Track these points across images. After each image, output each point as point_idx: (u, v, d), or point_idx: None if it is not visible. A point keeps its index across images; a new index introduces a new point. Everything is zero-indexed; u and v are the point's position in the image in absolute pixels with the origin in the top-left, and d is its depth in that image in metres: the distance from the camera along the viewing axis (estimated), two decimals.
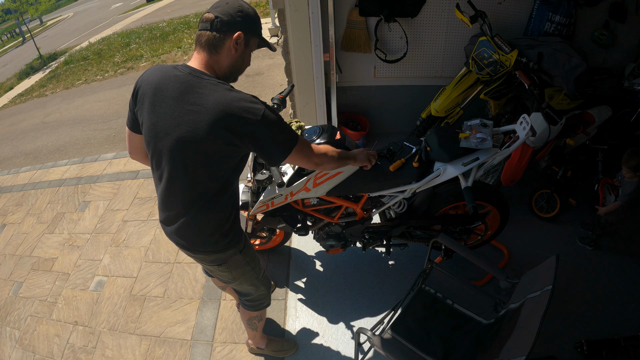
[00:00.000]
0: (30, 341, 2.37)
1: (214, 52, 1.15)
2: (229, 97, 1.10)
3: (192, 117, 1.09)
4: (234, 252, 1.38)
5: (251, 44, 1.20)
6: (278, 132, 1.17)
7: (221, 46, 1.14)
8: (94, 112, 5.91)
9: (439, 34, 2.70)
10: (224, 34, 1.12)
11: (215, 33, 1.12)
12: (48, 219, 3.40)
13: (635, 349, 1.69)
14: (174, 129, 1.12)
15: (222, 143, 1.11)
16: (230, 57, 1.17)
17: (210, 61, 1.16)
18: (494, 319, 1.55)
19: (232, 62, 1.18)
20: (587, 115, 2.37)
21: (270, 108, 1.15)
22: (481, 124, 1.69)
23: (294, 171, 1.67)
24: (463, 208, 2.04)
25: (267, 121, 1.12)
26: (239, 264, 1.44)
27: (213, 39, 1.13)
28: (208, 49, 1.14)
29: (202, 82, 1.10)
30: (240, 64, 1.21)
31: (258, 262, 1.55)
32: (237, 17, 1.13)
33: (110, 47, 9.80)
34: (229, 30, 1.12)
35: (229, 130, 1.09)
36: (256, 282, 1.56)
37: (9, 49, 18.05)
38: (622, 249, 2.23)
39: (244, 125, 1.09)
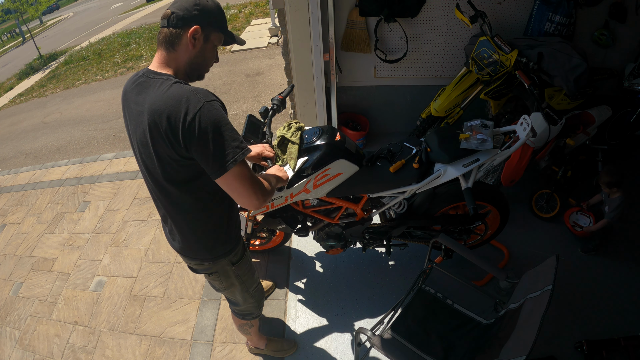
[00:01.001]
0: (30, 341, 2.37)
1: (171, 49, 1.09)
2: (167, 93, 1.01)
3: (140, 119, 1.05)
4: (226, 263, 1.34)
5: (212, 38, 1.12)
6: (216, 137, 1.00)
7: (178, 42, 1.08)
8: (94, 112, 5.91)
9: (439, 34, 2.71)
10: (180, 29, 1.06)
11: (171, 29, 1.07)
12: (48, 219, 3.40)
13: (635, 349, 1.69)
14: (134, 133, 1.11)
15: (164, 146, 1.02)
16: (189, 53, 1.10)
17: (168, 59, 1.10)
18: (494, 319, 1.55)
19: (190, 59, 1.11)
20: (587, 115, 2.37)
21: (212, 105, 1.01)
22: (481, 125, 1.69)
23: (294, 173, 1.67)
24: (463, 208, 2.04)
25: (199, 122, 0.98)
26: (230, 275, 1.39)
27: (170, 35, 1.07)
28: (165, 46, 1.09)
29: (151, 81, 1.06)
30: (201, 60, 1.13)
31: (252, 275, 1.50)
32: (193, 11, 1.06)
33: (110, 47, 9.80)
34: (185, 25, 1.06)
35: (161, 130, 1.00)
36: (245, 295, 1.52)
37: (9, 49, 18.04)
38: (622, 249, 2.23)
39: (174, 129, 0.99)
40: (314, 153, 1.65)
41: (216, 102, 1.04)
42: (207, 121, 0.98)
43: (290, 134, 1.70)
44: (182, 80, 1.07)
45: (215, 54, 1.17)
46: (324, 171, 1.66)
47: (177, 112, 0.98)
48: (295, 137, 1.68)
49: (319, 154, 1.64)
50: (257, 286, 1.56)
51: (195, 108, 0.98)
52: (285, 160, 1.69)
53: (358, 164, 1.71)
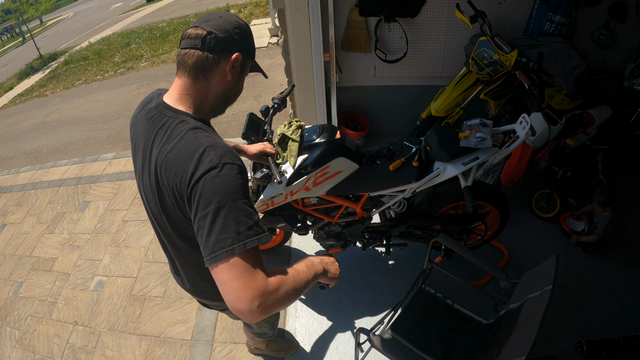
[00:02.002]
0: (30, 341, 2.37)
1: (201, 78, 0.91)
2: (180, 144, 0.84)
3: (148, 164, 0.91)
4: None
5: (246, 68, 0.99)
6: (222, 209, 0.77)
7: (214, 70, 0.90)
8: (94, 112, 5.91)
9: (439, 34, 2.71)
10: (219, 55, 0.89)
11: (208, 53, 0.88)
12: (48, 219, 3.40)
13: (635, 349, 1.69)
14: (141, 176, 0.97)
15: (171, 204, 0.88)
16: (224, 83, 0.94)
17: (194, 89, 0.92)
18: (494, 319, 1.55)
19: (224, 90, 0.95)
20: (587, 115, 2.36)
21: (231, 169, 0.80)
22: (481, 124, 1.70)
23: (294, 170, 1.67)
24: (463, 208, 2.04)
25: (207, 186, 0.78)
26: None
27: (205, 60, 0.89)
28: (194, 74, 0.90)
29: (163, 119, 0.90)
30: (234, 93, 0.99)
31: None
32: (234, 35, 0.91)
33: (110, 47, 9.81)
34: (225, 51, 0.90)
35: (168, 187, 0.85)
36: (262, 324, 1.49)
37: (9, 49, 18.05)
38: (622, 249, 2.23)
39: (179, 185, 0.82)
40: (314, 151, 1.65)
41: (236, 167, 0.82)
42: (215, 188, 0.77)
43: (290, 132, 1.70)
44: (201, 125, 0.89)
45: (243, 85, 1.03)
46: (324, 169, 1.66)
47: (186, 169, 0.80)
48: (296, 135, 1.68)
49: (319, 152, 1.64)
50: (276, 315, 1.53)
51: (207, 167, 0.78)
52: (285, 158, 1.70)
53: (358, 162, 1.71)
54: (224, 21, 0.91)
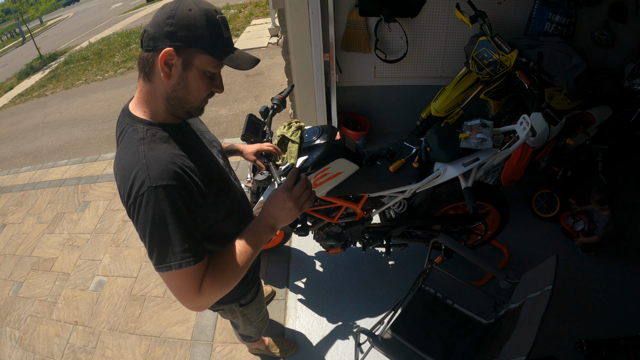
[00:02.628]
0: (30, 341, 2.37)
1: (147, 80, 0.83)
2: (125, 157, 0.81)
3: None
4: (234, 304, 1.27)
5: (196, 63, 0.80)
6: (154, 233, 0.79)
7: (153, 71, 0.81)
8: (94, 112, 5.91)
9: (439, 34, 2.71)
10: (151, 53, 0.79)
11: (144, 52, 0.80)
12: (48, 219, 3.40)
13: (635, 349, 1.69)
14: None
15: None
16: (165, 84, 0.81)
17: (146, 93, 0.85)
18: (494, 319, 1.55)
19: (168, 93, 0.83)
20: (587, 115, 2.36)
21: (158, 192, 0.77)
22: (481, 124, 1.69)
23: None
24: (463, 208, 2.04)
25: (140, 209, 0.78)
26: (235, 312, 1.31)
27: (144, 61, 0.81)
28: (142, 76, 0.84)
29: (124, 126, 0.86)
30: (183, 94, 0.83)
31: (259, 313, 1.43)
32: (164, 26, 0.76)
33: (110, 47, 9.81)
34: (155, 48, 0.78)
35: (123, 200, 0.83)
36: (247, 326, 1.47)
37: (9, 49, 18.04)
38: (622, 249, 2.23)
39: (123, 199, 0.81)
40: (314, 152, 1.65)
41: (171, 189, 0.78)
42: (147, 212, 0.77)
43: (290, 133, 1.70)
44: (150, 135, 0.83)
45: (213, 83, 0.87)
46: (324, 170, 1.66)
47: (124, 186, 0.79)
48: (296, 136, 1.68)
49: (319, 153, 1.64)
50: (262, 319, 1.51)
51: (139, 190, 0.77)
52: (285, 159, 1.70)
53: (358, 163, 1.71)
54: (161, 13, 0.78)
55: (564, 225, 2.33)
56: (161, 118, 0.87)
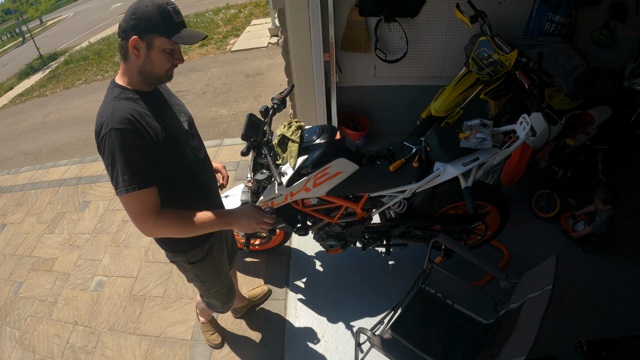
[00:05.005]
0: (30, 341, 2.37)
1: (124, 60, 1.13)
2: (100, 107, 1.12)
3: None
4: (183, 260, 1.41)
5: (156, 44, 1.10)
6: (112, 165, 1.07)
7: (127, 53, 1.10)
8: (94, 112, 5.81)
9: (439, 34, 2.71)
10: (125, 41, 1.09)
11: (120, 40, 1.11)
12: (48, 219, 3.40)
13: (635, 349, 1.69)
14: None
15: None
16: (137, 63, 1.12)
17: (125, 69, 1.15)
18: (494, 319, 1.55)
19: (139, 68, 1.13)
20: (587, 115, 2.37)
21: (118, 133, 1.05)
22: (481, 124, 1.70)
23: (294, 171, 1.67)
24: (463, 208, 2.04)
25: (104, 145, 1.06)
26: (187, 271, 1.48)
27: (120, 46, 1.11)
28: (121, 57, 1.14)
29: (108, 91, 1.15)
30: (150, 68, 1.13)
31: (215, 279, 1.56)
32: (130, 21, 1.06)
33: (110, 47, 9.80)
34: (126, 37, 1.08)
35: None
36: (207, 294, 1.62)
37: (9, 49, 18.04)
38: (622, 249, 2.23)
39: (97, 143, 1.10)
40: (314, 152, 1.65)
41: (125, 131, 1.05)
42: (108, 147, 1.05)
43: (290, 133, 1.70)
44: (123, 94, 1.12)
45: (173, 57, 1.14)
46: (324, 170, 1.66)
47: (96, 128, 1.08)
48: (296, 136, 1.68)
49: (319, 153, 1.64)
50: (220, 290, 1.61)
51: (104, 131, 1.05)
52: (285, 159, 1.70)
53: (358, 162, 1.71)
54: (128, 11, 1.07)
55: (565, 226, 2.33)
56: (136, 86, 1.16)
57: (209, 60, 6.88)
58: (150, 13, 1.06)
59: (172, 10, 1.09)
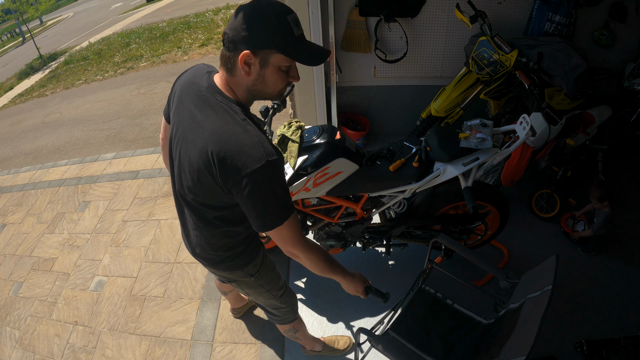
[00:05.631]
0: (30, 341, 2.37)
1: (229, 74, 0.98)
2: (232, 133, 0.93)
3: (192, 137, 0.99)
4: (243, 275, 1.31)
5: (271, 62, 0.93)
6: (266, 198, 0.95)
7: (234, 68, 0.95)
8: (94, 112, 5.91)
9: (439, 34, 2.71)
10: (233, 53, 0.93)
11: (227, 51, 0.94)
12: (48, 219, 3.40)
13: (635, 349, 1.69)
14: (181, 142, 1.04)
15: (209, 180, 0.97)
16: (246, 80, 0.96)
17: (230, 82, 1.00)
18: (494, 319, 1.55)
19: (248, 86, 0.98)
20: (587, 115, 2.37)
21: (273, 165, 0.93)
22: (481, 124, 1.70)
23: (294, 171, 1.67)
24: (463, 208, 2.04)
25: (258, 180, 0.92)
26: (251, 285, 1.36)
27: (225, 58, 0.96)
28: (225, 68, 0.98)
29: (214, 101, 0.98)
30: (262, 87, 0.99)
31: (276, 283, 1.45)
32: (241, 31, 0.90)
33: (110, 47, 9.80)
34: (236, 49, 0.92)
35: (213, 168, 0.94)
36: (274, 302, 1.49)
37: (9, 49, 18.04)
38: (622, 249, 2.23)
39: (225, 173, 0.93)
40: (314, 151, 1.65)
41: (278, 160, 0.95)
42: (263, 183, 0.92)
43: (290, 133, 1.70)
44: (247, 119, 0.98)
45: (289, 74, 0.99)
46: (324, 170, 1.66)
47: (236, 160, 0.91)
48: (296, 136, 1.68)
49: (319, 153, 1.64)
50: (284, 290, 1.51)
51: (255, 166, 0.90)
52: (285, 159, 1.70)
53: (358, 162, 1.71)
54: (238, 17, 0.91)
55: (565, 228, 2.33)
56: (244, 102, 1.03)
57: (209, 60, 6.88)
58: (267, 24, 0.89)
59: (292, 21, 0.91)
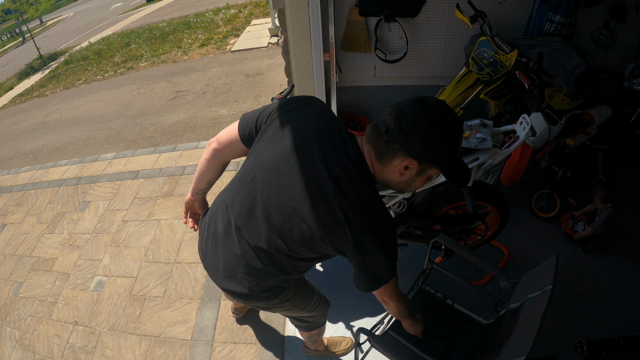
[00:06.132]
0: (30, 341, 2.37)
1: (378, 160, 0.95)
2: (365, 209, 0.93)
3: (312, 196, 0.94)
4: (279, 302, 1.25)
5: (427, 173, 0.96)
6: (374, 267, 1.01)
7: (388, 160, 0.93)
8: (94, 112, 5.91)
9: (439, 34, 2.70)
10: (395, 151, 0.90)
11: (387, 141, 0.90)
12: (48, 219, 3.40)
13: (635, 349, 1.69)
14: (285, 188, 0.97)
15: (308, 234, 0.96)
16: (394, 177, 0.96)
17: (373, 162, 0.96)
18: (494, 319, 1.55)
19: (393, 182, 0.98)
20: (587, 115, 2.36)
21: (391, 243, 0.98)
22: (481, 124, 1.70)
23: None
24: (463, 208, 2.04)
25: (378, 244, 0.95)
26: (286, 308, 1.33)
27: (381, 147, 0.92)
28: (374, 151, 0.95)
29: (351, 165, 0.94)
30: (404, 187, 1.00)
31: (311, 298, 1.44)
32: (417, 144, 0.87)
33: (110, 47, 9.80)
34: (401, 150, 0.89)
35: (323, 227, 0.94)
36: (306, 315, 1.48)
37: (9, 49, 18.04)
38: (622, 249, 2.23)
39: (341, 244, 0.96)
40: None
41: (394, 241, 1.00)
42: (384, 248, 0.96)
43: None
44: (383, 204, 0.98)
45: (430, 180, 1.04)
46: None
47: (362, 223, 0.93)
48: None
49: None
50: (316, 300, 1.49)
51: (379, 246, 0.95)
52: None
53: None
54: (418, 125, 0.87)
55: (566, 229, 2.33)
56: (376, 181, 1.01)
57: (209, 60, 6.89)
58: (445, 146, 0.88)
59: (459, 139, 0.92)
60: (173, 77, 6.46)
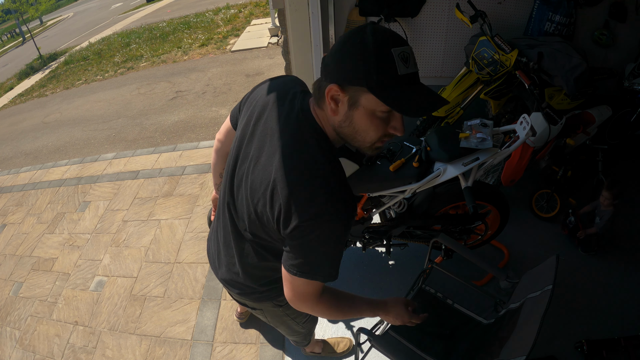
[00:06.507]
0: (31, 341, 2.37)
1: (317, 105, 0.83)
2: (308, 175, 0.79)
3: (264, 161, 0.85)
4: (272, 305, 1.21)
5: (362, 103, 0.74)
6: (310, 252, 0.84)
7: (322, 100, 0.80)
8: (94, 112, 5.91)
9: (439, 34, 2.70)
10: (322, 83, 0.79)
11: (321, 79, 0.80)
12: (48, 219, 3.40)
13: (635, 349, 1.69)
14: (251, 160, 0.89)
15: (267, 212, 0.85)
16: (332, 118, 0.81)
17: (318, 113, 0.85)
18: (494, 319, 1.55)
19: (334, 127, 0.82)
20: (587, 115, 2.36)
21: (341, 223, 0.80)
22: (481, 124, 1.70)
23: None
24: (463, 208, 2.04)
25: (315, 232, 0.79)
26: (277, 314, 1.28)
27: (316, 84, 0.82)
28: (314, 97, 0.84)
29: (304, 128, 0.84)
30: (350, 132, 0.80)
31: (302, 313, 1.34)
32: (331, 62, 0.76)
33: (110, 47, 9.81)
34: (327, 79, 0.77)
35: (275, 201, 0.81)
36: (296, 328, 1.41)
37: (9, 49, 18.04)
38: (622, 249, 2.23)
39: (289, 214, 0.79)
40: None
41: (346, 221, 0.81)
42: (321, 236, 0.80)
43: None
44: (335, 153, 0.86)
45: (387, 124, 0.78)
46: None
47: (302, 205, 0.78)
48: None
49: None
50: (307, 319, 1.42)
51: (320, 218, 0.78)
52: None
53: (358, 162, 1.71)
54: (339, 41, 0.75)
55: (566, 231, 2.33)
56: (332, 139, 0.87)
57: (209, 60, 6.89)
58: (363, 56, 0.70)
59: (399, 57, 0.71)
60: (173, 77, 6.46)
